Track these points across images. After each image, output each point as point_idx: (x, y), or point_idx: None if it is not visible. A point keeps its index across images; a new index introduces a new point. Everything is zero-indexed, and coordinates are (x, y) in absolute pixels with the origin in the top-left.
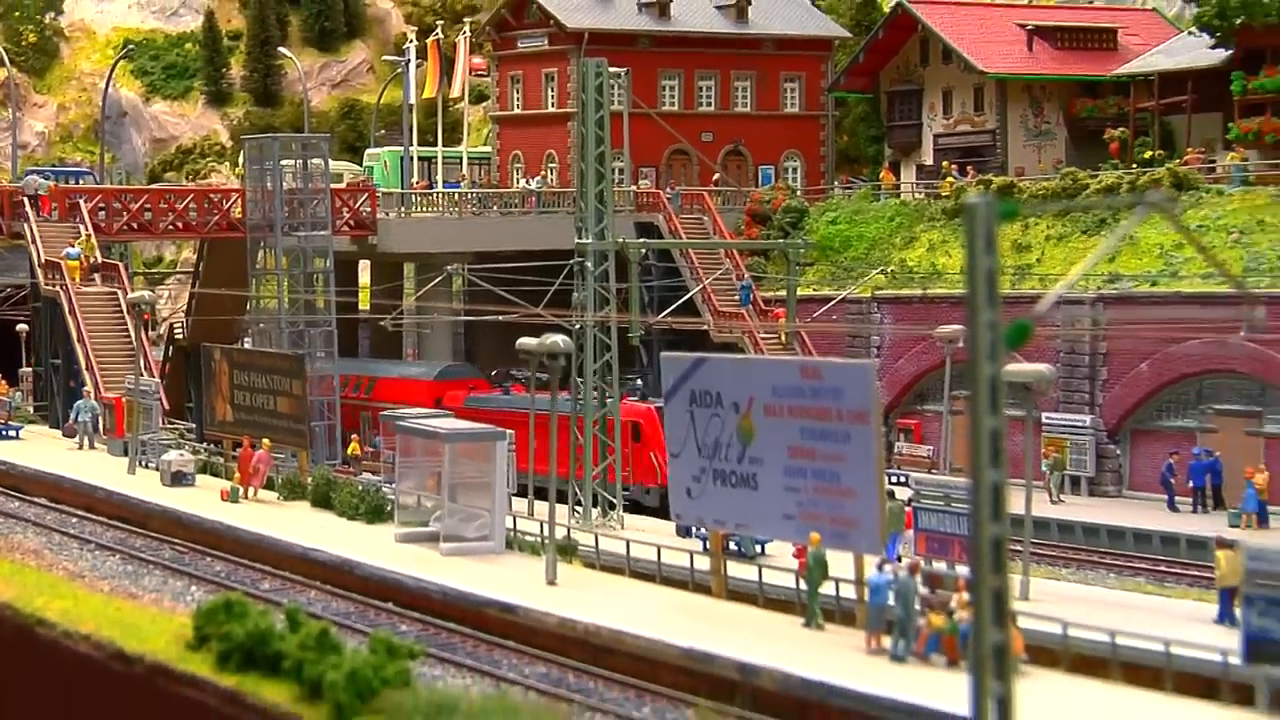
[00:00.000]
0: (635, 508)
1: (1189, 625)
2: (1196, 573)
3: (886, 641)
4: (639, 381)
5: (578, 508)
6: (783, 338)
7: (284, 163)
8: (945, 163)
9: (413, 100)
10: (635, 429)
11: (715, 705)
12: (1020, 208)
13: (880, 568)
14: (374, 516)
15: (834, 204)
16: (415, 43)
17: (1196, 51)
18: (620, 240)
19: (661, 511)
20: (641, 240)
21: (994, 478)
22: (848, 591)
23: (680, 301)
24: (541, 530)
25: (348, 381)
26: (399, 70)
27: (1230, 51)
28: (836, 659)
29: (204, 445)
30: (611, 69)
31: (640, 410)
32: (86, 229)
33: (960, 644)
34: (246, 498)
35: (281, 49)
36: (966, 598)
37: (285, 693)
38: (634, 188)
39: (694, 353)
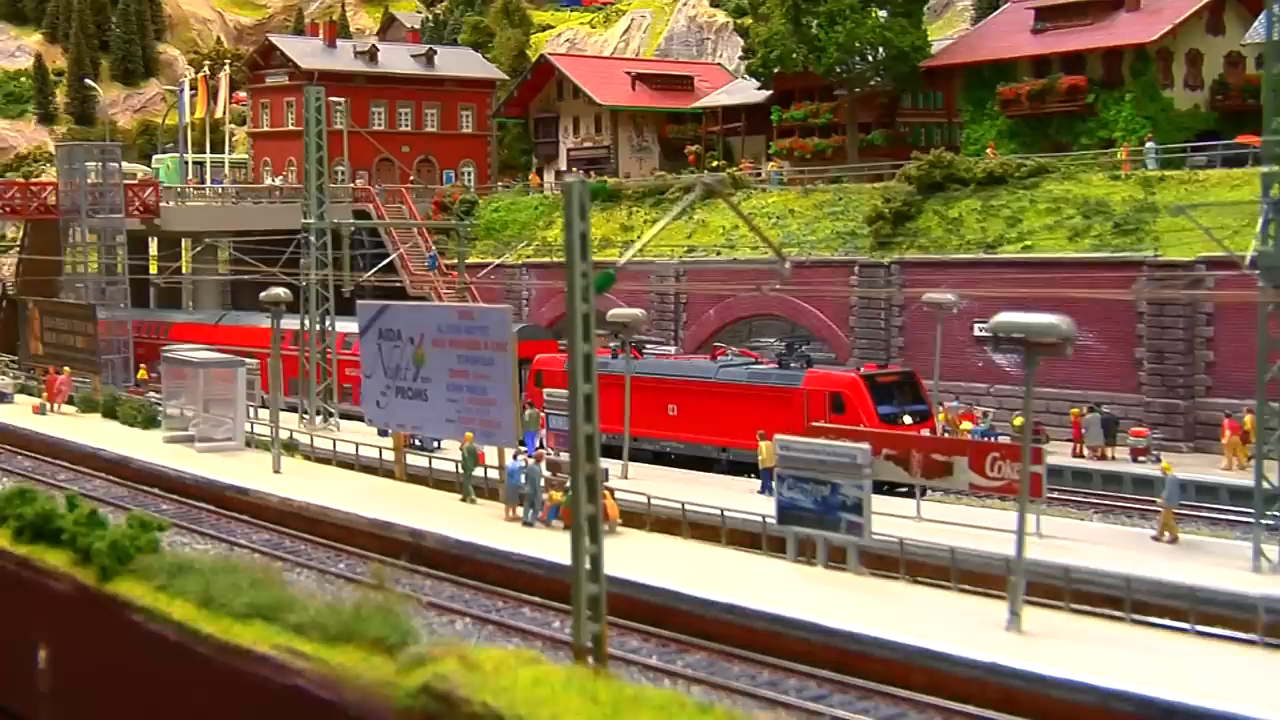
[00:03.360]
0: None
1: (742, 496)
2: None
3: (520, 511)
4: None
5: (305, 415)
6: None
7: (88, 164)
8: (575, 169)
9: (188, 120)
10: (836, 401)
11: (388, 559)
12: (606, 187)
13: (515, 457)
14: (148, 424)
15: (497, 198)
16: (190, 78)
17: (748, 92)
18: (335, 221)
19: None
20: (352, 221)
21: (586, 390)
22: (493, 474)
23: (381, 265)
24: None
25: (151, 326)
26: (178, 98)
27: (770, 92)
28: (483, 525)
29: (23, 372)
30: (334, 99)
31: (845, 380)
32: None
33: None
34: (52, 411)
35: (93, 83)
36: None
37: (64, 558)
38: (352, 185)
39: (388, 301)
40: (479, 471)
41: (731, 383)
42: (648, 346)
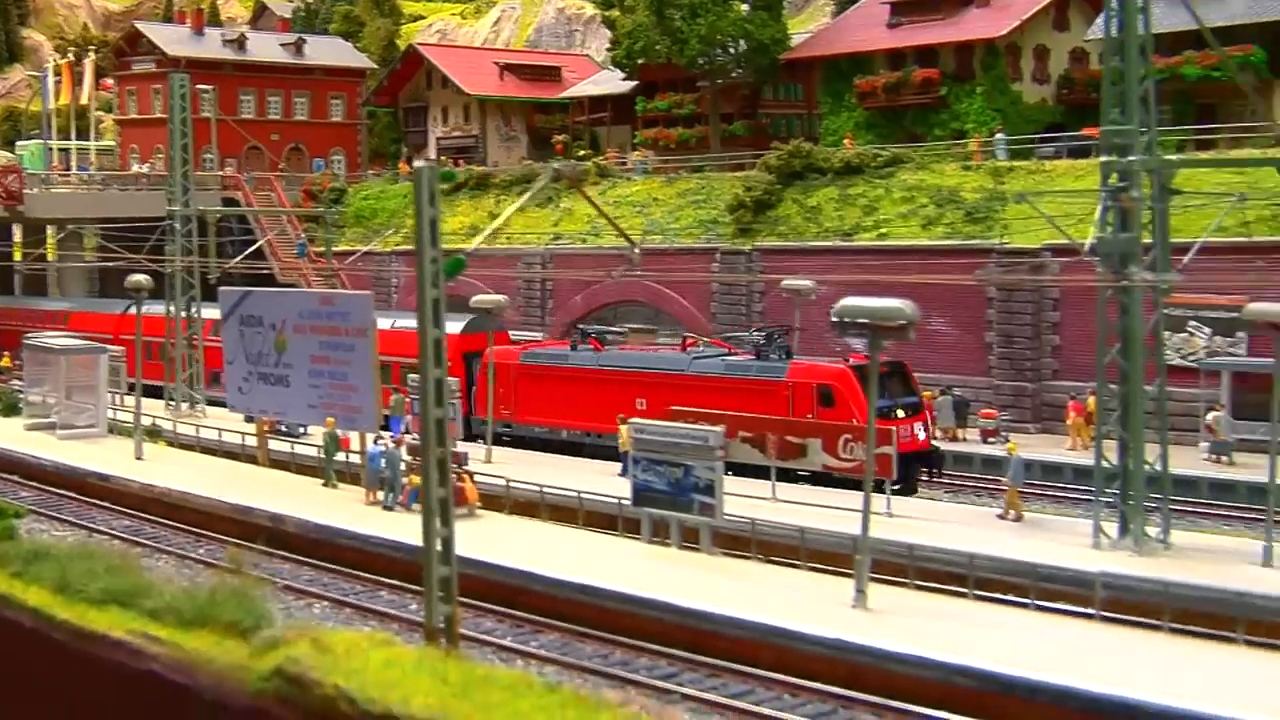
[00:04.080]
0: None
1: (603, 479)
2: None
3: (380, 495)
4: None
5: (171, 402)
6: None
7: None
8: (443, 157)
9: (53, 106)
10: (825, 394)
11: (248, 544)
12: (454, 174)
13: (376, 441)
14: (10, 411)
15: (366, 186)
16: (55, 63)
17: (614, 83)
18: (201, 208)
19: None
20: (218, 208)
21: (437, 375)
22: (355, 459)
23: (249, 252)
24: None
25: (15, 314)
26: (42, 84)
27: (636, 83)
28: (344, 509)
29: None
30: (202, 87)
31: (834, 372)
32: None
33: None
34: None
35: None
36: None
37: None
38: (221, 173)
39: (250, 288)
40: (341, 456)
41: (707, 375)
42: (609, 337)
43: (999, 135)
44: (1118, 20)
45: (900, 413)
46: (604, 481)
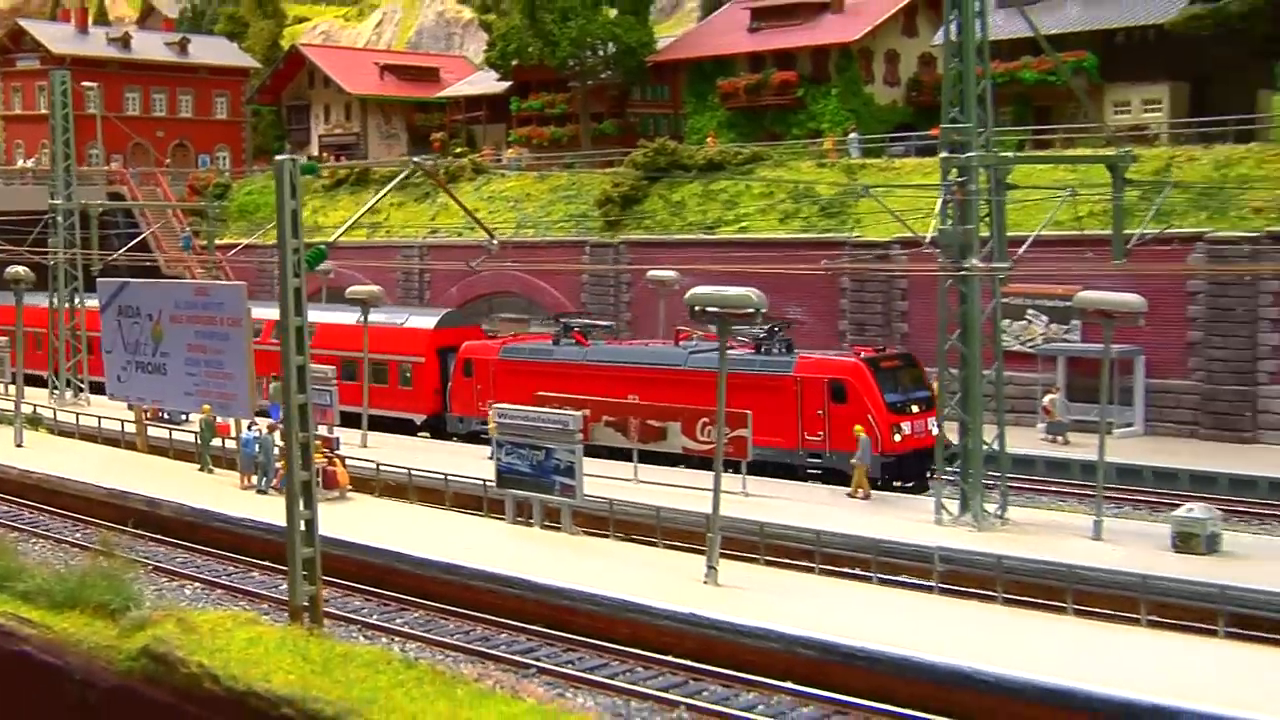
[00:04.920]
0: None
1: (474, 462)
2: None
3: (254, 479)
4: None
5: (55, 390)
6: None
7: None
8: (326, 154)
9: None
10: (837, 389)
11: (124, 528)
12: (315, 167)
13: (250, 427)
14: None
15: (250, 181)
16: None
17: (489, 83)
18: (84, 202)
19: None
20: (100, 202)
21: (299, 361)
22: (230, 444)
23: (132, 244)
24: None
25: None
26: None
27: (510, 83)
28: (219, 493)
29: None
30: (87, 84)
31: (846, 366)
32: None
33: None
34: None
35: None
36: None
37: None
38: (106, 168)
39: (127, 279)
40: (217, 442)
41: (706, 370)
42: (594, 331)
43: (852, 135)
44: (957, 25)
45: (914, 408)
46: (473, 465)
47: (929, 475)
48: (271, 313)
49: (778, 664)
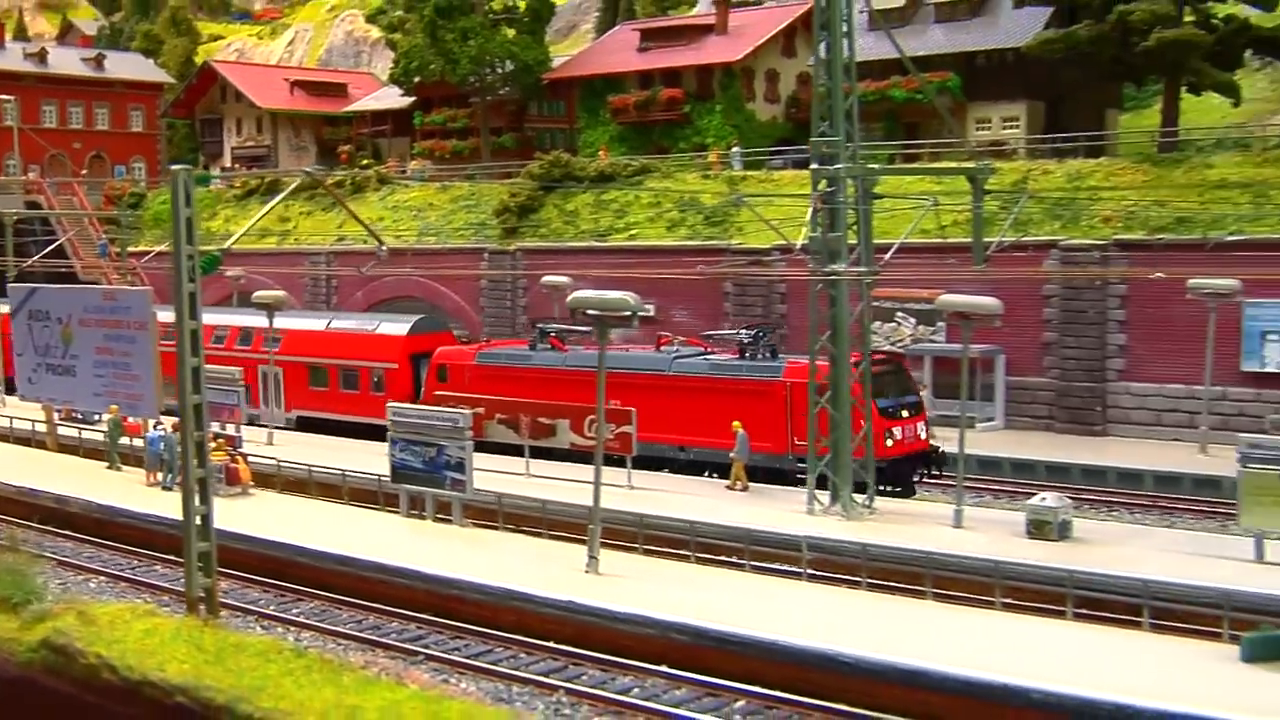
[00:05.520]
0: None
1: (368, 457)
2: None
3: (160, 476)
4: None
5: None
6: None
7: None
8: (238, 165)
9: None
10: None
11: (33, 524)
12: (209, 176)
13: (155, 426)
14: None
15: (164, 191)
16: None
17: (394, 98)
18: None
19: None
20: (17, 210)
21: (194, 363)
22: (139, 443)
23: (46, 251)
24: None
25: None
26: None
27: (414, 99)
28: (126, 490)
29: None
30: (4, 97)
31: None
32: None
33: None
34: None
35: None
36: (212, 446)
37: None
38: (24, 178)
39: (37, 285)
40: (125, 440)
41: (692, 375)
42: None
43: (735, 149)
44: (826, 45)
45: (905, 413)
46: (371, 461)
47: (919, 479)
48: (211, 318)
49: (653, 648)
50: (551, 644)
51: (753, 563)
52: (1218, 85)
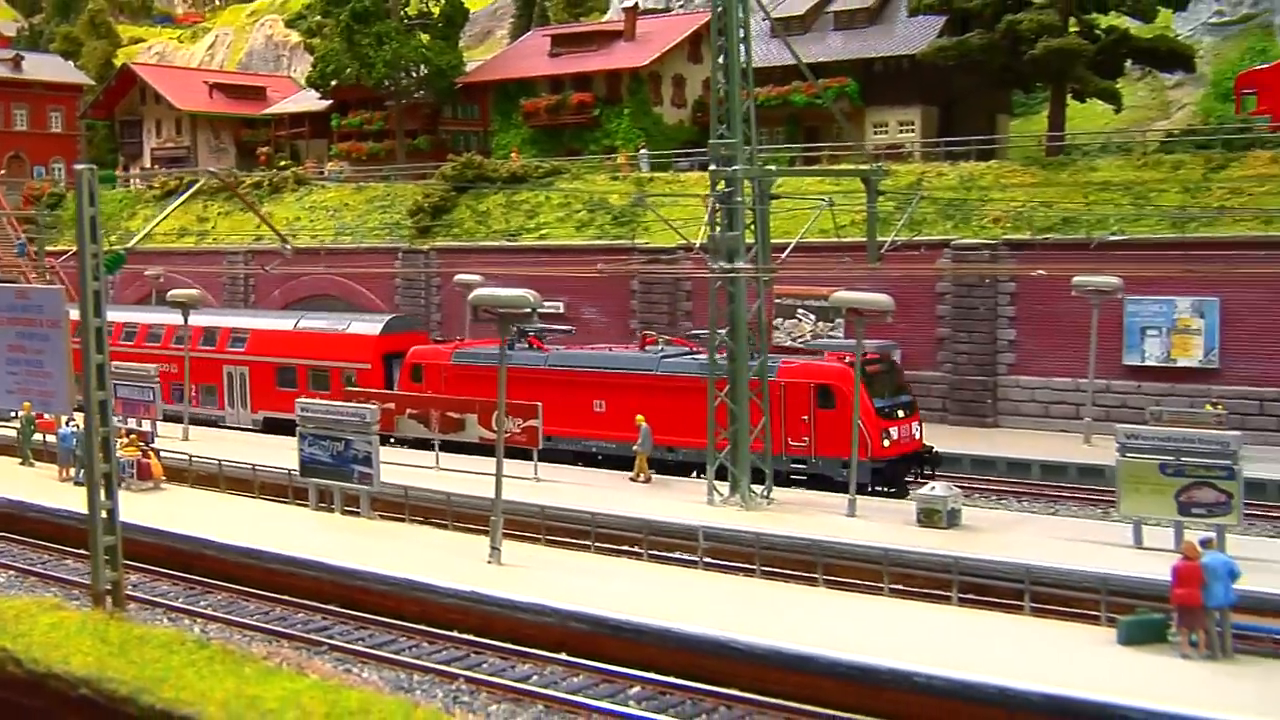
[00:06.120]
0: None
1: (285, 453)
2: None
3: (73, 472)
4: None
5: None
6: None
7: None
8: (157, 166)
9: None
10: (825, 394)
11: None
12: (114, 176)
13: (68, 422)
14: None
15: None
16: None
17: (312, 101)
18: None
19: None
20: None
21: (99, 360)
22: (52, 439)
23: None
24: None
25: None
26: None
27: (331, 102)
28: (38, 485)
29: None
30: None
31: (834, 371)
32: None
33: (121, 473)
34: None
35: None
36: (126, 440)
37: None
38: None
39: None
40: (38, 436)
41: (682, 375)
42: (548, 336)
43: (643, 151)
44: (723, 50)
45: (900, 412)
46: (283, 456)
47: (913, 480)
48: (139, 316)
49: (552, 637)
50: (455, 633)
51: (651, 552)
52: (1100, 92)
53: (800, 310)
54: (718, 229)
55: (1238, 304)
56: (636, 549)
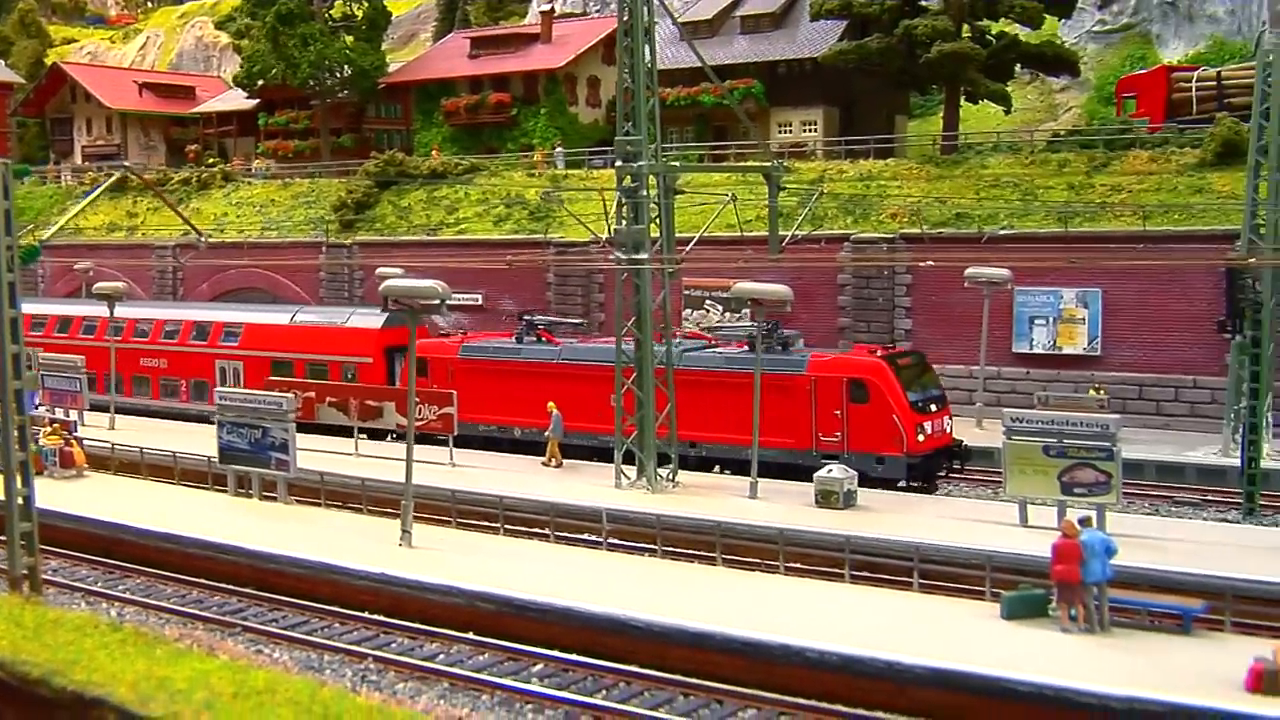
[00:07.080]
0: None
1: (202, 439)
2: None
3: None
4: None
5: None
6: None
7: None
8: (88, 163)
9: None
10: (858, 388)
11: None
12: (28, 170)
13: None
14: None
15: (17, 186)
16: None
17: (240, 100)
18: None
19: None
20: None
21: (14, 350)
22: None
23: None
24: None
25: None
26: None
27: (258, 101)
28: None
29: None
30: None
31: (868, 365)
32: None
33: (44, 461)
34: None
35: None
36: (47, 430)
37: None
38: None
39: None
40: None
41: (703, 370)
42: (558, 328)
43: (558, 149)
44: (629, 51)
45: (932, 407)
46: (204, 443)
47: (943, 474)
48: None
49: (460, 617)
50: (366, 614)
51: (558, 534)
52: (992, 95)
53: (708, 301)
54: (624, 222)
55: (1119, 295)
56: (545, 531)
